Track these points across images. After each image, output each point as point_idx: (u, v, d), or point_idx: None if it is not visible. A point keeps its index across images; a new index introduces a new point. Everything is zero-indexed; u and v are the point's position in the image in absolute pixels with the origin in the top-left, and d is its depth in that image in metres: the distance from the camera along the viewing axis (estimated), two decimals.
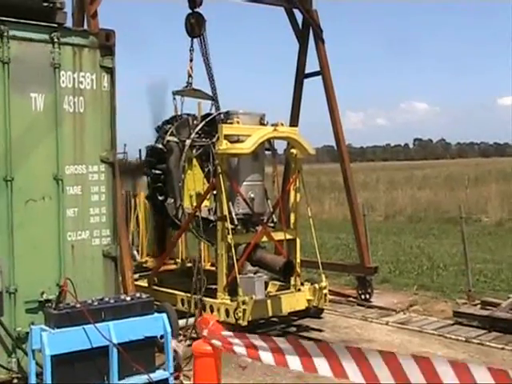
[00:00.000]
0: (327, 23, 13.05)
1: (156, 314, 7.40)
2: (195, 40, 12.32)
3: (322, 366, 4.49)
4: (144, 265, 13.31)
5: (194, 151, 10.95)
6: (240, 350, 5.11)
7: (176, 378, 7.68)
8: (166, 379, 7.26)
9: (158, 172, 11.28)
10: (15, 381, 6.99)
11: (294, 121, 13.68)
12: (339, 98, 12.80)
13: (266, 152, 10.92)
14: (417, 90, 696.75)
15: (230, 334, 5.34)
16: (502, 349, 9.19)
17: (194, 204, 10.63)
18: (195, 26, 12.20)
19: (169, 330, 7.32)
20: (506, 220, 25.43)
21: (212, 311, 9.56)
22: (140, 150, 13.61)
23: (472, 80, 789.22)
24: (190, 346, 9.02)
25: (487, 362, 8.60)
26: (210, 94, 12.37)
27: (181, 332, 8.98)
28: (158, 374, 7.26)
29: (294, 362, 4.67)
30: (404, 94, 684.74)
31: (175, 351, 7.74)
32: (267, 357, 4.83)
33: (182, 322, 9.33)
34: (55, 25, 7.48)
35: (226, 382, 7.67)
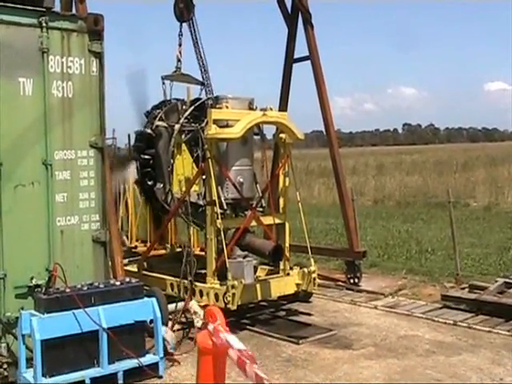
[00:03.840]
0: (316, 6, 13.00)
1: (145, 299, 7.46)
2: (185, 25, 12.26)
3: None
4: (133, 250, 13.32)
5: (183, 136, 10.92)
6: (233, 355, 5.16)
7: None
8: (156, 363, 7.32)
9: (146, 157, 11.25)
10: (5, 366, 7.00)
11: (283, 105, 13.67)
12: (327, 82, 12.78)
13: (255, 137, 10.91)
14: (403, 75, 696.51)
15: (233, 339, 5.33)
16: (489, 332, 9.26)
17: (183, 189, 10.62)
18: (184, 10, 12.14)
19: (158, 314, 7.38)
20: (493, 205, 25.57)
21: (202, 296, 9.59)
22: (129, 135, 13.57)
23: (459, 65, 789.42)
24: (179, 330, 9.11)
25: (474, 344, 8.69)
26: (200, 78, 12.33)
27: (170, 316, 9.02)
28: (148, 358, 7.33)
29: None
30: (390, 79, 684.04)
31: (165, 339, 7.79)
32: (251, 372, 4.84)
33: (171, 307, 9.36)
34: (43, 9, 7.44)
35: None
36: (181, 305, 9.26)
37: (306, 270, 10.31)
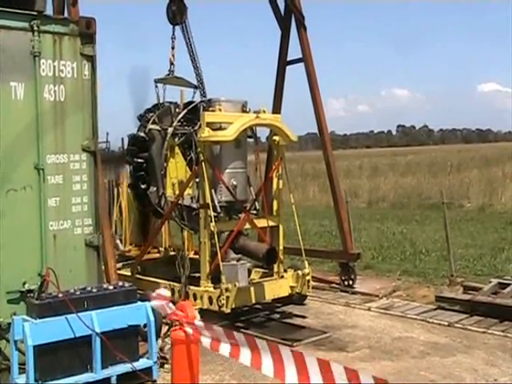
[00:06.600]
0: (309, 7, 13.00)
1: (139, 303, 7.41)
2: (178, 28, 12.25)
3: (266, 364, 4.88)
4: (127, 254, 13.29)
5: (177, 139, 10.92)
6: (205, 341, 5.55)
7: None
8: (150, 367, 7.28)
9: (140, 160, 11.23)
10: None
11: (276, 108, 13.67)
12: (320, 84, 12.78)
13: (249, 139, 10.91)
14: (396, 77, 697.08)
15: (201, 324, 5.58)
16: (484, 332, 9.27)
17: (177, 192, 10.62)
18: (176, 13, 12.13)
19: (152, 318, 7.34)
20: (487, 205, 25.60)
21: (195, 299, 9.58)
22: (122, 139, 13.57)
23: (452, 66, 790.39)
24: None
25: (468, 345, 8.69)
26: (194, 81, 12.31)
27: (164, 320, 8.99)
28: (142, 363, 7.28)
29: (246, 358, 5.10)
30: (383, 81, 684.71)
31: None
32: (225, 350, 5.31)
33: None
34: (35, 13, 7.42)
35: (209, 368, 7.72)
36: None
37: (300, 272, 10.31)
